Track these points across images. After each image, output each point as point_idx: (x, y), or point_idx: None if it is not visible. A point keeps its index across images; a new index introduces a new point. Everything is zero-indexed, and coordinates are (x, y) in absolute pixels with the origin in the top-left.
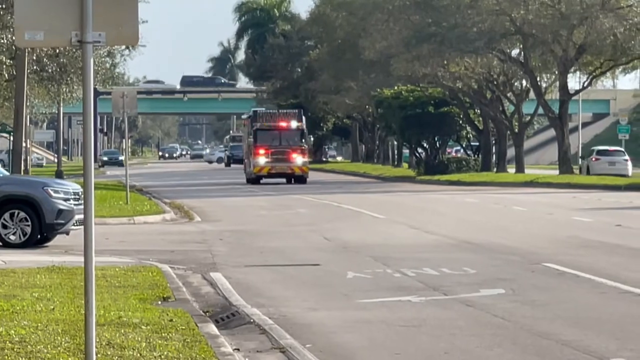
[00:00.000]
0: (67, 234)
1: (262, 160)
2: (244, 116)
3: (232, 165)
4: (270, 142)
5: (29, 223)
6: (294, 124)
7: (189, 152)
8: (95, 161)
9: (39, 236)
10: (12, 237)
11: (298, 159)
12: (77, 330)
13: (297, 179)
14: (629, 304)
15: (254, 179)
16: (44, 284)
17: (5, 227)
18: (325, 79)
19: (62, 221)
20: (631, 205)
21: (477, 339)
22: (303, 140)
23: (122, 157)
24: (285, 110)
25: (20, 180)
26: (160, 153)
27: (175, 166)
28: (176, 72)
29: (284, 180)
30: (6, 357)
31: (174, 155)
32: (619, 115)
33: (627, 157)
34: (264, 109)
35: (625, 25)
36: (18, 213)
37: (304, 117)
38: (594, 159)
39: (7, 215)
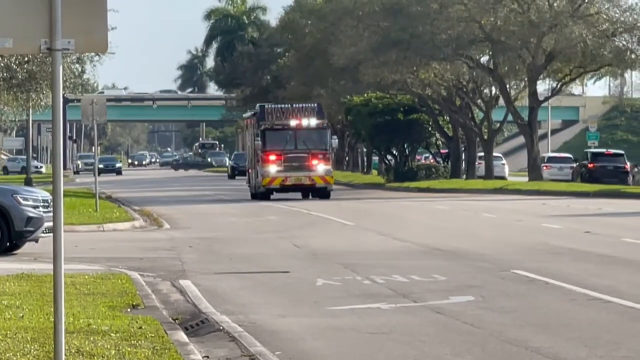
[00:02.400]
0: (37, 241)
1: (272, 168)
2: (246, 114)
3: (236, 178)
4: (283, 145)
5: None
6: (313, 121)
7: (158, 160)
8: (65, 168)
9: (7, 244)
10: None
11: (320, 167)
12: (46, 338)
13: (319, 192)
14: (598, 310)
15: (263, 194)
16: (13, 292)
17: None
18: (295, 86)
19: (32, 229)
20: (600, 212)
21: (447, 346)
22: (326, 143)
23: (119, 164)
24: (301, 105)
25: None
26: (130, 160)
27: (144, 173)
28: (146, 80)
29: (299, 195)
30: None
31: (143, 162)
32: (588, 122)
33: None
34: (272, 104)
35: (594, 33)
36: None
37: (325, 113)
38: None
39: None
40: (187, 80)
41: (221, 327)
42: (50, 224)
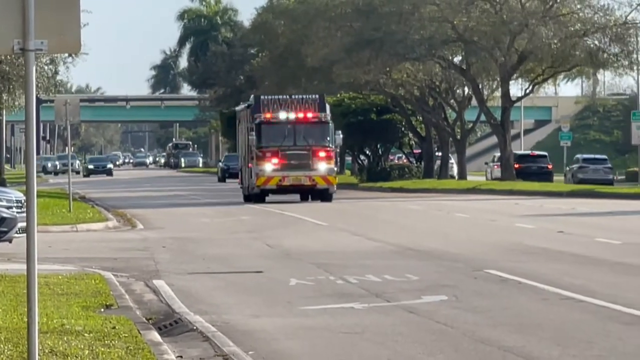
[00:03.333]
0: (10, 241)
1: (268, 167)
2: (239, 107)
3: (227, 181)
4: (280, 141)
5: None
6: (314, 114)
7: (132, 160)
8: (43, 171)
9: None
10: None
11: (321, 166)
12: (19, 338)
13: (320, 194)
14: (571, 310)
15: (257, 195)
16: None
17: None
18: (268, 86)
19: (5, 229)
20: (573, 212)
21: (420, 345)
22: (328, 139)
23: (110, 165)
24: (301, 96)
25: None
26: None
27: (118, 174)
28: (119, 80)
29: (297, 197)
30: None
31: (117, 163)
32: (561, 122)
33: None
34: (268, 95)
35: (566, 33)
36: None
37: (328, 106)
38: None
39: None
40: (160, 81)
41: (195, 327)
42: (24, 224)
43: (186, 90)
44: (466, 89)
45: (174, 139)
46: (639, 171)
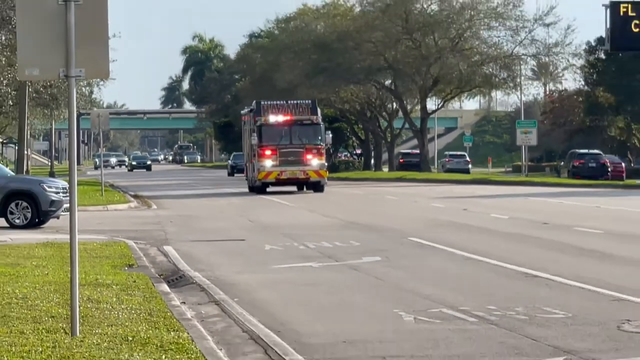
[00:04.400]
0: (58, 218)
1: (268, 163)
2: (243, 111)
3: (235, 175)
4: (278, 140)
5: (30, 210)
6: (307, 117)
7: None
8: (78, 164)
9: (36, 220)
10: (17, 221)
11: (314, 161)
12: (65, 289)
13: (313, 186)
14: (474, 267)
15: (259, 187)
16: (40, 255)
17: (12, 213)
18: (248, 103)
19: (54, 209)
20: (474, 195)
21: (361, 294)
22: (320, 138)
23: (149, 162)
24: (295, 101)
25: (23, 179)
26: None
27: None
28: (138, 98)
29: (294, 188)
30: (13, 309)
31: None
32: (464, 128)
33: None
34: (267, 101)
35: (468, 63)
36: (21, 203)
37: (319, 110)
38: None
39: (13, 205)
40: (168, 99)
41: (194, 281)
42: (67, 205)
43: (188, 105)
44: (394, 104)
45: (179, 142)
46: (521, 165)
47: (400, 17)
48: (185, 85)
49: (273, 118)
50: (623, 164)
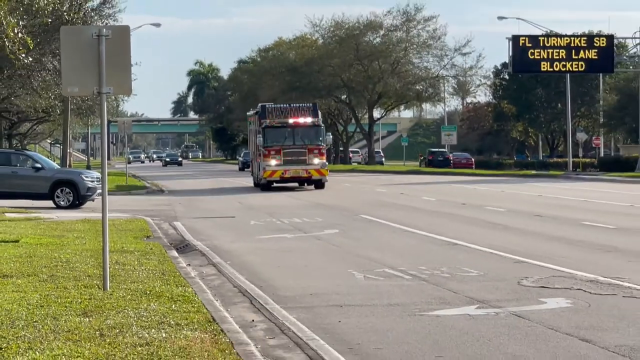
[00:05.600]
0: (93, 200)
1: (273, 162)
2: (250, 112)
3: (245, 170)
4: (282, 141)
5: (71, 194)
6: (309, 119)
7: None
8: (109, 159)
9: (77, 202)
10: (62, 203)
11: (315, 160)
12: (98, 255)
13: (315, 183)
14: (409, 238)
15: (265, 185)
16: (79, 229)
17: (57, 197)
18: (237, 113)
19: (90, 194)
20: (409, 182)
21: (323, 257)
22: (320, 139)
23: (181, 159)
24: (297, 105)
25: (66, 171)
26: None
27: (149, 163)
28: (154, 108)
29: (296, 184)
30: (58, 270)
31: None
32: (402, 132)
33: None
34: (271, 104)
35: (404, 82)
36: (65, 189)
37: (319, 112)
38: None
39: (58, 191)
40: (177, 109)
41: (197, 248)
42: (100, 191)
43: (192, 114)
44: (349, 113)
45: (185, 142)
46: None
47: (352, 48)
48: (190, 99)
49: (277, 120)
50: (473, 159)
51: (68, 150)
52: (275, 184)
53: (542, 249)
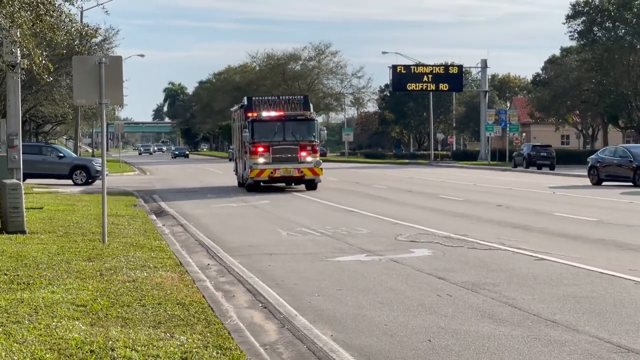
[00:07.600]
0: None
1: (261, 160)
2: (233, 108)
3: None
4: (271, 136)
5: (85, 175)
6: (300, 112)
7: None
8: (107, 150)
9: (89, 181)
10: (78, 181)
11: (308, 158)
12: (99, 218)
13: (307, 183)
14: (319, 206)
15: (251, 185)
16: (86, 200)
17: (75, 176)
18: (199, 118)
19: (98, 175)
20: (360, 167)
21: (256, 219)
22: (314, 134)
23: (187, 152)
24: (287, 97)
25: (81, 158)
26: (134, 147)
27: (135, 153)
28: (140, 114)
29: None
30: (71, 229)
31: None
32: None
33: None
34: (258, 97)
35: (317, 97)
36: (81, 172)
37: (311, 105)
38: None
39: (77, 172)
40: (156, 115)
41: (169, 213)
42: (106, 172)
43: (167, 119)
44: None
45: (161, 139)
46: (345, 151)
47: (280, 72)
48: (165, 108)
49: (265, 114)
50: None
51: (78, 144)
52: (263, 184)
53: (412, 214)
